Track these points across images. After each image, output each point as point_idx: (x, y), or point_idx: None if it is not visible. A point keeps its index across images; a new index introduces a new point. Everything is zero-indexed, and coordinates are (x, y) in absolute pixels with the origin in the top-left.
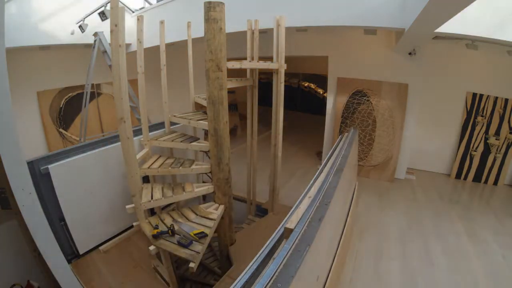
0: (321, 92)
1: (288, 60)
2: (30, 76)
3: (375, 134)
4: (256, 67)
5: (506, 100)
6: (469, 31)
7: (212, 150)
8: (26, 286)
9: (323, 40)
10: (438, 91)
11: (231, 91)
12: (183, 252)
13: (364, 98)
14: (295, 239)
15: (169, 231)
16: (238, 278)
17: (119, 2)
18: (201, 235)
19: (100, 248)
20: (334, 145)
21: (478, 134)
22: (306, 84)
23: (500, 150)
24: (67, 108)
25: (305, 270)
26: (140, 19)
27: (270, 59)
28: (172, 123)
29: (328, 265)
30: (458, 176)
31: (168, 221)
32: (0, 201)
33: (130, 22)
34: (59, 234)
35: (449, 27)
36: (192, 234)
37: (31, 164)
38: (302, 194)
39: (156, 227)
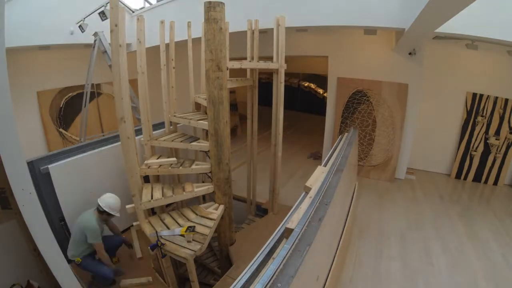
0: (321, 92)
1: (288, 60)
2: (30, 76)
3: (375, 134)
4: (256, 67)
5: (506, 100)
6: (469, 31)
7: (212, 150)
8: (26, 286)
9: (323, 40)
10: (438, 91)
11: (231, 91)
12: (183, 252)
13: (364, 98)
14: (295, 239)
15: (158, 242)
16: (238, 278)
17: (119, 2)
18: (190, 230)
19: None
20: (334, 145)
21: (478, 134)
22: (306, 84)
23: (500, 150)
24: (67, 108)
25: (305, 270)
26: (140, 19)
27: (270, 59)
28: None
29: (328, 265)
30: (458, 176)
31: (169, 221)
32: (0, 201)
33: (130, 22)
34: (59, 234)
35: (449, 27)
36: (182, 232)
37: (31, 164)
38: (302, 194)
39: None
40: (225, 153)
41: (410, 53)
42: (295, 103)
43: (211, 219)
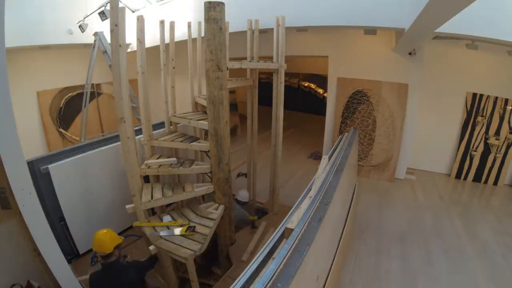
0: (321, 92)
1: (288, 60)
2: (30, 76)
3: (375, 134)
4: (256, 67)
5: (506, 100)
6: (469, 31)
7: (212, 150)
8: (26, 286)
9: (323, 40)
10: (438, 91)
11: (231, 91)
12: (183, 252)
13: (364, 98)
14: (295, 239)
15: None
16: (238, 278)
17: (119, 2)
18: (190, 230)
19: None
20: (334, 145)
21: (478, 134)
22: (306, 84)
23: (500, 150)
24: (67, 108)
25: (305, 270)
26: (140, 19)
27: (270, 59)
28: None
29: (328, 265)
30: (458, 176)
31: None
32: (0, 201)
33: (130, 21)
34: (59, 234)
35: (449, 27)
36: (182, 232)
37: (31, 164)
38: (302, 194)
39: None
40: (225, 153)
41: (410, 53)
42: (295, 103)
43: (211, 219)
